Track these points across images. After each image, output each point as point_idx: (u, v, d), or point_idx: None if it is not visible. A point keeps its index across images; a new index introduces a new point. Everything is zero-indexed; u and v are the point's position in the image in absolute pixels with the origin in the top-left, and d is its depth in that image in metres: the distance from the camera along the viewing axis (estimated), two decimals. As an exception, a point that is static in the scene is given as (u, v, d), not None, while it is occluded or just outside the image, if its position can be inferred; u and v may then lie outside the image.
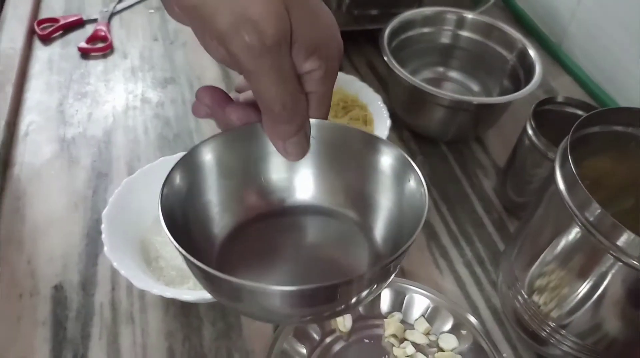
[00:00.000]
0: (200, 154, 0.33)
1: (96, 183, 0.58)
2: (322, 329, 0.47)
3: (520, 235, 0.47)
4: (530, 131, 0.53)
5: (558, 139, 0.43)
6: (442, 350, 0.47)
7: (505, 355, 0.48)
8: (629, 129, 0.44)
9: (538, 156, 0.52)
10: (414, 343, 0.47)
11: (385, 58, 0.62)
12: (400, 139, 0.67)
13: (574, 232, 0.39)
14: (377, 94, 0.64)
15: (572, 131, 0.40)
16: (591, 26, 0.75)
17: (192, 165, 0.33)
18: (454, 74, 0.73)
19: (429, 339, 0.47)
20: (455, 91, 0.71)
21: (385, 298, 0.49)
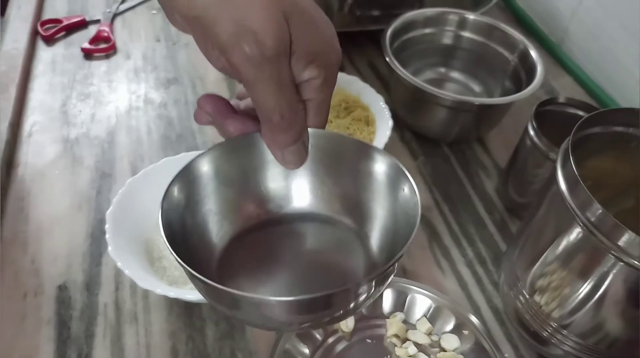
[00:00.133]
0: (198, 166, 0.34)
1: (100, 183, 0.59)
2: (325, 329, 0.47)
3: (522, 235, 0.47)
4: (531, 132, 0.53)
5: (559, 139, 0.43)
6: (444, 350, 0.47)
7: (506, 355, 0.48)
8: (629, 130, 0.44)
9: (539, 157, 0.53)
10: (416, 344, 0.47)
11: (387, 59, 0.62)
12: (402, 139, 0.67)
13: (575, 232, 0.39)
14: (379, 94, 0.64)
15: (573, 131, 0.40)
16: (592, 26, 0.75)
17: (190, 176, 0.33)
18: (455, 74, 0.73)
19: (431, 339, 0.47)
20: (457, 91, 0.71)
21: (388, 298, 0.49)
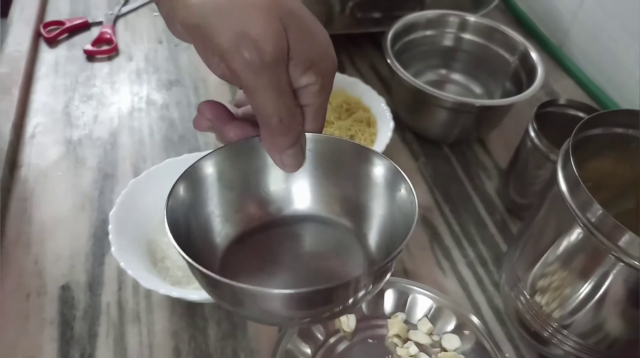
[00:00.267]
0: (202, 168, 0.35)
1: (102, 184, 0.59)
2: (326, 329, 0.47)
3: (523, 236, 0.47)
4: (532, 133, 0.53)
5: (560, 141, 0.44)
6: (445, 350, 0.47)
7: (507, 355, 0.48)
8: (629, 131, 0.44)
9: (540, 158, 0.53)
10: (417, 344, 0.47)
11: (388, 60, 0.62)
12: (403, 141, 0.67)
13: (575, 233, 0.39)
14: (380, 96, 0.64)
15: (573, 133, 0.41)
16: (592, 28, 0.76)
17: (194, 178, 0.34)
18: (456, 76, 0.73)
19: (432, 339, 0.48)
20: (458, 93, 0.71)
21: (389, 298, 0.50)
